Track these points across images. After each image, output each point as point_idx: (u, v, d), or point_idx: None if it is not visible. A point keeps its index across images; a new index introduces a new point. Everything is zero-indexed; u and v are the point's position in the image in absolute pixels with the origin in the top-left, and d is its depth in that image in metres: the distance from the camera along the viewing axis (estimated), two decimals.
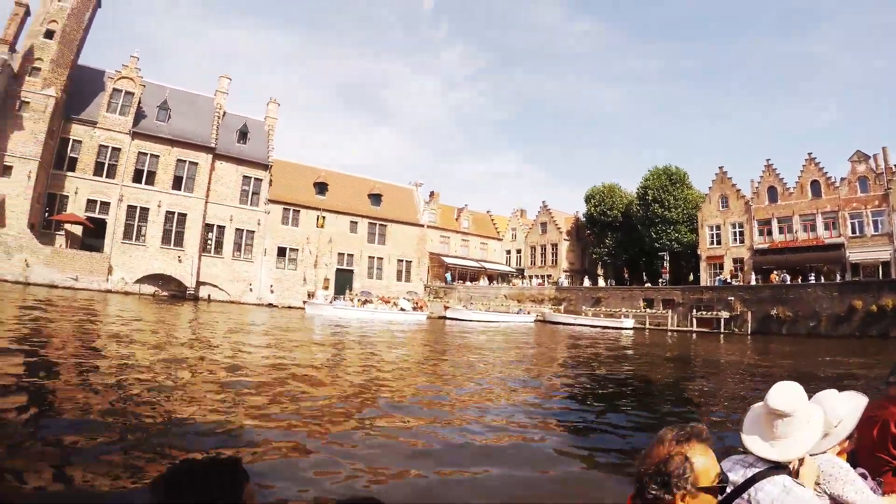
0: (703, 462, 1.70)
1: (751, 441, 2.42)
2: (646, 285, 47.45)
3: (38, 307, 21.55)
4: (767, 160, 46.57)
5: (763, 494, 2.14)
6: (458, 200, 64.82)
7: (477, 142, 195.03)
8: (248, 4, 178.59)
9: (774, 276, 43.26)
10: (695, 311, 42.65)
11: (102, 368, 10.60)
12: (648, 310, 44.42)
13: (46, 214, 38.00)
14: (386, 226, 49.16)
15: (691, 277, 48.81)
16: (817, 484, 2.48)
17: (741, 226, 46.91)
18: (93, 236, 38.80)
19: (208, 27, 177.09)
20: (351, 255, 47.63)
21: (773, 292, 40.50)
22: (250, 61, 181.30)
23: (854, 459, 3.05)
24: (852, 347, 27.73)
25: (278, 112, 47.91)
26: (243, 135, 45.15)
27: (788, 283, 41.37)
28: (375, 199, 49.84)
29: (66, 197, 38.67)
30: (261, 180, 44.72)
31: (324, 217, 45.54)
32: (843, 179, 42.76)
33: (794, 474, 2.33)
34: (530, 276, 55.00)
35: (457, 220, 55.43)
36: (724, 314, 41.08)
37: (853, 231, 41.66)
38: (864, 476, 2.75)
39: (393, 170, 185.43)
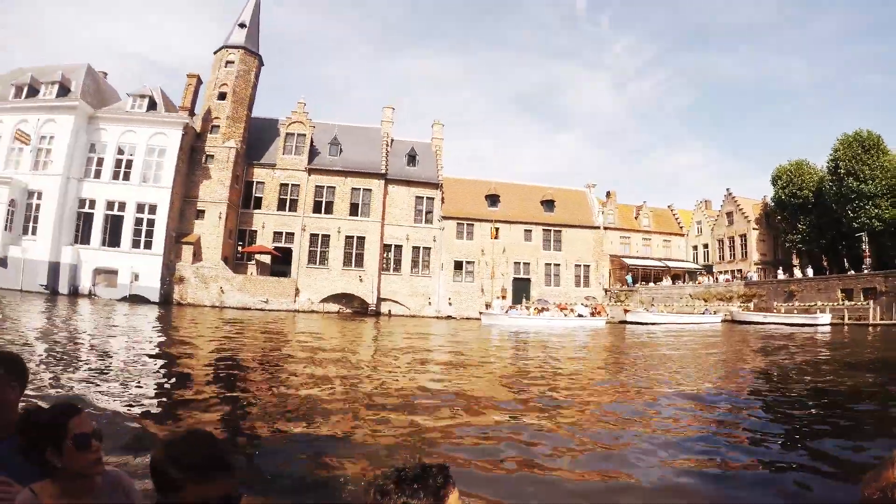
0: None
1: None
2: (849, 273, 40.72)
3: (237, 323, 25.65)
4: None
5: None
6: (641, 198, 60.93)
7: (657, 134, 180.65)
8: (415, 35, 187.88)
9: None
10: None
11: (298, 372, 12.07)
12: (847, 302, 38.07)
13: (239, 247, 42.03)
14: (560, 231, 47.24)
15: None
16: None
17: None
18: (280, 263, 42.21)
19: (380, 64, 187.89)
20: (527, 264, 46.18)
21: None
22: (421, 87, 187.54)
23: None
24: None
25: (443, 132, 48.38)
26: (412, 158, 46.12)
27: None
28: (548, 205, 48.24)
29: (255, 231, 42.55)
30: (432, 199, 45.17)
31: (497, 228, 44.73)
32: None
33: None
34: (718, 273, 50.18)
35: (636, 218, 51.93)
36: None
37: None
38: None
39: (574, 174, 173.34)
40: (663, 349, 21.43)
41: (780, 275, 44.96)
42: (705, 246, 53.19)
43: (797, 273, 43.58)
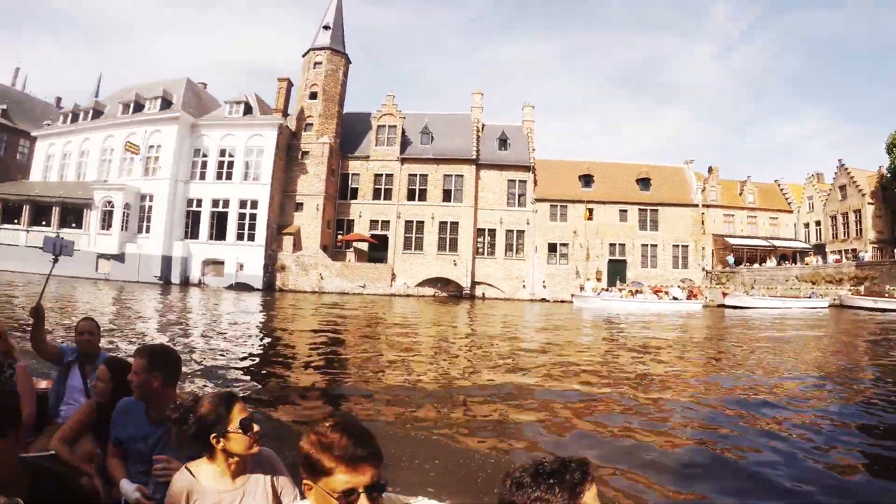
0: None
1: None
2: None
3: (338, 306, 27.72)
4: None
5: None
6: (749, 173, 57.48)
7: (765, 104, 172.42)
8: (504, 22, 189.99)
9: None
10: None
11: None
12: None
13: (338, 236, 44.14)
14: (657, 210, 45.45)
15: None
16: None
17: None
18: (377, 250, 43.73)
19: (471, 53, 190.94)
20: (622, 245, 44.78)
21: None
22: (515, 72, 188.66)
23: None
24: None
25: (534, 115, 48.09)
26: (503, 142, 46.15)
27: None
28: (644, 183, 46.60)
29: (353, 220, 44.52)
30: (525, 182, 44.98)
31: (590, 209, 44.07)
32: None
33: None
34: (830, 252, 46.83)
35: (740, 195, 48.86)
36: None
37: None
38: None
39: (679, 151, 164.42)
40: (759, 333, 20.42)
41: None
42: (817, 223, 49.52)
43: None
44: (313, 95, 43.73)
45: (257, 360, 11.25)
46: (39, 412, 3.95)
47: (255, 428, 2.24)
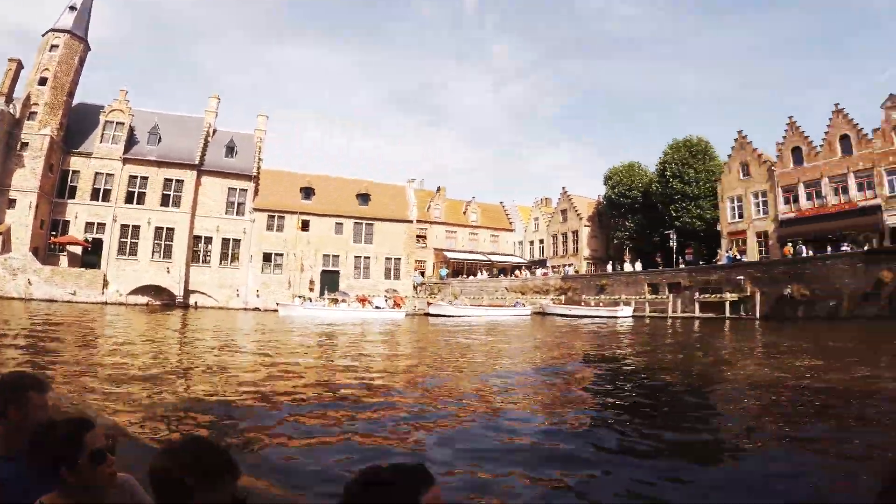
0: None
1: None
2: (658, 269, 42.18)
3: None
4: (790, 117, 40.45)
5: None
6: (512, 196, 61.80)
7: (530, 134, 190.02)
8: (296, 21, 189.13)
9: (788, 249, 36.96)
10: (698, 294, 37.41)
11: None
12: (652, 295, 39.83)
13: (51, 238, 42.45)
14: (373, 224, 48.33)
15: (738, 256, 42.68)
16: None
17: (764, 195, 40.95)
18: (91, 254, 42.75)
19: (265, 50, 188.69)
20: (336, 256, 47.50)
21: (788, 268, 34.41)
22: (293, 79, 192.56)
23: None
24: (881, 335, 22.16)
25: (266, 124, 49.33)
26: (230, 149, 46.87)
27: (804, 255, 34.96)
28: (363, 198, 49.29)
29: (68, 222, 43.01)
30: (245, 190, 46.20)
31: (305, 220, 46.08)
32: (875, 131, 36.13)
33: None
34: (553, 267, 51.31)
35: (464, 213, 53.14)
36: (731, 296, 35.67)
37: (892, 189, 35.06)
38: None
39: (440, 174, 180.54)
40: (454, 340, 23.39)
41: (609, 269, 46.12)
42: (541, 241, 54.11)
43: (628, 268, 44.51)
44: (43, 81, 41.81)
45: None
46: None
47: (110, 459, 2.01)
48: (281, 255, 46.53)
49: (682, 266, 41.36)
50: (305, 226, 46.38)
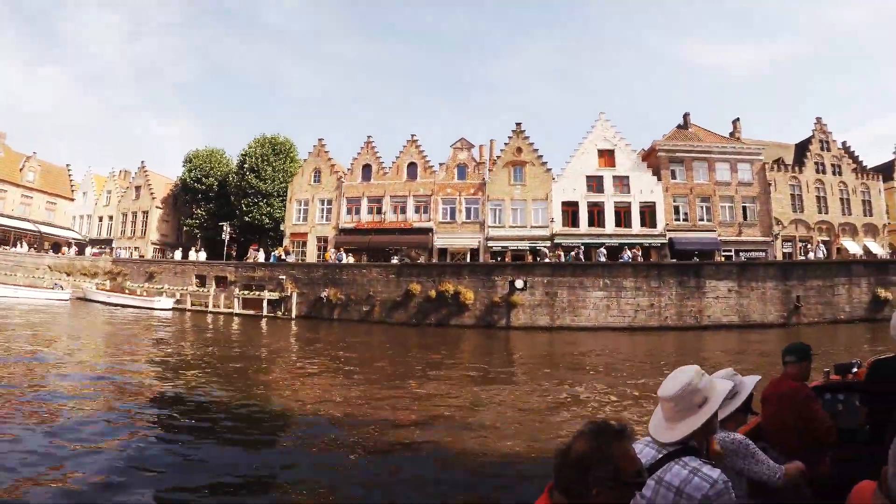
0: (623, 456, 1.64)
1: (653, 429, 2.36)
2: (207, 261, 41.33)
3: None
4: (369, 137, 43.42)
5: (671, 475, 2.13)
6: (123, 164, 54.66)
7: (155, 100, 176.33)
8: None
9: (329, 255, 38.80)
10: (240, 290, 36.87)
11: None
12: (198, 288, 38.35)
13: None
14: None
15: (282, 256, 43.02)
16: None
17: (330, 203, 42.92)
18: None
19: None
20: None
21: (328, 272, 36.21)
22: None
23: (758, 434, 3.48)
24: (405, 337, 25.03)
25: None
26: None
27: (343, 262, 36.89)
28: None
29: None
30: None
31: None
32: (441, 165, 41.64)
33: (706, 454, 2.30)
34: (119, 248, 46.54)
35: (21, 170, 45.14)
36: (270, 295, 35.98)
37: (444, 217, 40.41)
38: (765, 448, 3.07)
39: (45, 125, 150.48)
40: None
41: (178, 256, 43.21)
42: (111, 218, 48.99)
43: (195, 256, 41.79)
44: None
45: None
46: None
47: None
48: None
49: (252, 262, 40.72)
50: None
